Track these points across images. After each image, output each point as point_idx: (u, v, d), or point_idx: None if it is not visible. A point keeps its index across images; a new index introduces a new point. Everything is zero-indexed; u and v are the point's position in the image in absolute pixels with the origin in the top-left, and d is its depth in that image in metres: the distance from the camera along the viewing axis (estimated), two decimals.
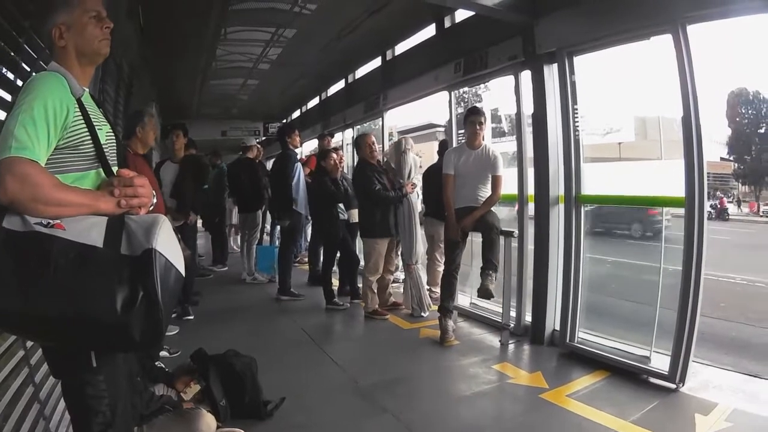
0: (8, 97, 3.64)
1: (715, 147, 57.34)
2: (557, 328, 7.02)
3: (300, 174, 9.88)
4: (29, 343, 3.51)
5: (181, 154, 8.79)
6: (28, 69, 4.00)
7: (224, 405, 4.91)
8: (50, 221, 2.09)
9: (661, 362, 5.77)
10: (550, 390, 5.66)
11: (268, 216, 12.63)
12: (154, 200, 2.50)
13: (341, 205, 9.80)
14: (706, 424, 4.76)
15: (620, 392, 5.58)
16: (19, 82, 3.84)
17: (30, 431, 3.43)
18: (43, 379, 3.77)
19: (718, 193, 47.26)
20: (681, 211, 5.59)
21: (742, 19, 5.38)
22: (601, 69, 6.93)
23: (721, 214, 39.52)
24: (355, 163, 9.45)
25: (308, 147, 17.96)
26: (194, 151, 10.36)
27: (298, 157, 10.41)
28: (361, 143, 8.87)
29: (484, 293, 6.97)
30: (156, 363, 5.34)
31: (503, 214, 7.94)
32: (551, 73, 7.01)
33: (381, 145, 9.58)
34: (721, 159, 58.73)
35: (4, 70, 3.88)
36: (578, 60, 6.74)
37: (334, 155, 9.77)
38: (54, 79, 2.35)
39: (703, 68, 5.49)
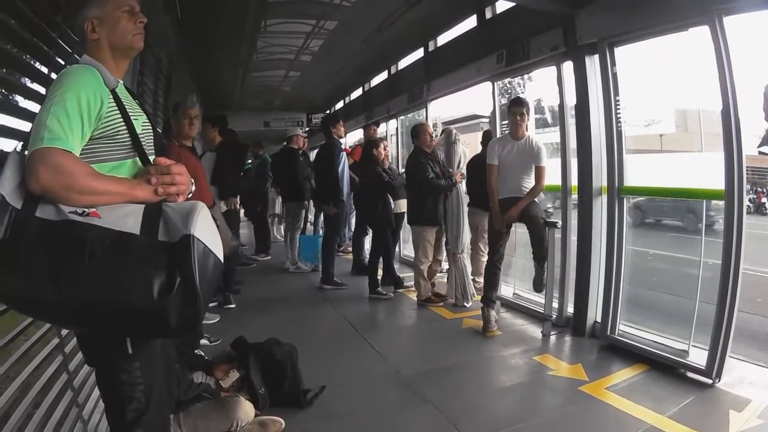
0: (43, 90, 3.62)
1: (755, 140, 56.82)
2: (598, 320, 7.03)
3: (345, 163, 9.99)
4: (64, 331, 3.54)
5: (216, 142, 8.90)
6: (63, 63, 3.99)
7: (263, 393, 4.96)
8: (85, 210, 2.11)
9: (698, 357, 5.78)
10: (589, 382, 5.69)
11: (312, 205, 12.66)
12: (193, 188, 2.50)
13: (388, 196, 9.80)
14: (740, 420, 4.75)
15: (658, 386, 5.58)
16: (54, 76, 3.89)
17: (62, 418, 3.48)
18: (78, 367, 3.82)
19: (758, 188, 46.63)
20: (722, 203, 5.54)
21: None
22: (642, 60, 6.90)
23: (759, 209, 39.08)
24: (411, 151, 9.47)
25: (352, 137, 18.03)
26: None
27: (342, 147, 10.44)
28: (419, 131, 8.90)
29: (538, 288, 7.25)
30: (196, 351, 5.46)
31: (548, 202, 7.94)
32: (593, 64, 7.01)
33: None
34: (760, 153, 58.00)
35: (39, 64, 3.90)
36: (619, 51, 6.71)
37: (384, 143, 9.92)
38: (87, 71, 2.38)
39: (743, 60, 5.45)
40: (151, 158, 2.55)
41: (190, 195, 2.47)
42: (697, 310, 5.96)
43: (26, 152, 2.12)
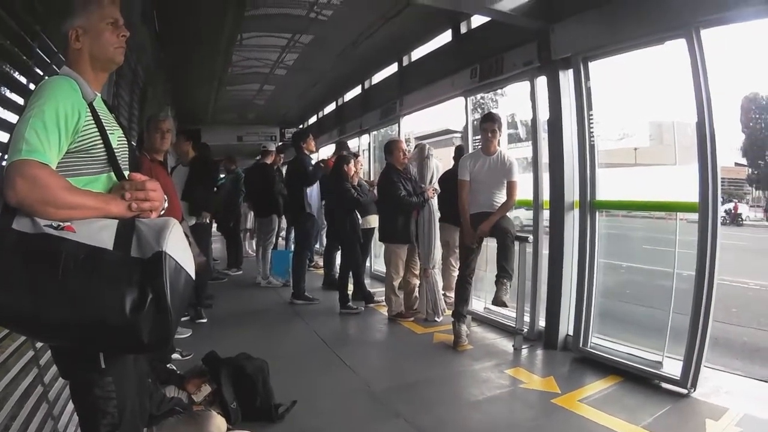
0: (21, 101, 3.62)
1: (730, 152, 57.28)
2: (571, 332, 7.06)
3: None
4: (39, 344, 3.53)
5: (189, 157, 8.86)
6: (41, 73, 3.99)
7: (235, 407, 4.96)
8: (60, 224, 2.11)
9: (673, 367, 5.80)
10: (562, 395, 5.69)
11: (284, 220, 12.64)
12: (165, 204, 2.51)
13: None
14: (717, 428, 4.80)
15: (632, 397, 5.60)
16: (32, 86, 3.85)
17: (38, 431, 3.46)
18: (52, 380, 3.81)
19: (734, 199, 47.08)
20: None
21: (757, 23, 5.39)
22: (617, 74, 6.93)
23: (735, 219, 39.38)
24: (383, 168, 9.47)
25: (325, 152, 17.74)
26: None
27: (314, 161, 10.42)
28: (392, 147, 8.92)
29: (498, 303, 7.10)
30: (168, 365, 5.45)
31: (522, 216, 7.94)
32: (567, 78, 7.06)
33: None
34: (736, 164, 58.62)
35: (17, 74, 3.87)
36: (593, 65, 6.77)
37: (357, 159, 9.98)
38: (65, 82, 2.38)
39: (718, 73, 5.50)
40: (126, 173, 2.56)
41: (162, 212, 2.48)
42: (671, 321, 6.01)
43: (3, 163, 2.15)
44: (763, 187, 57.45)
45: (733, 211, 40.22)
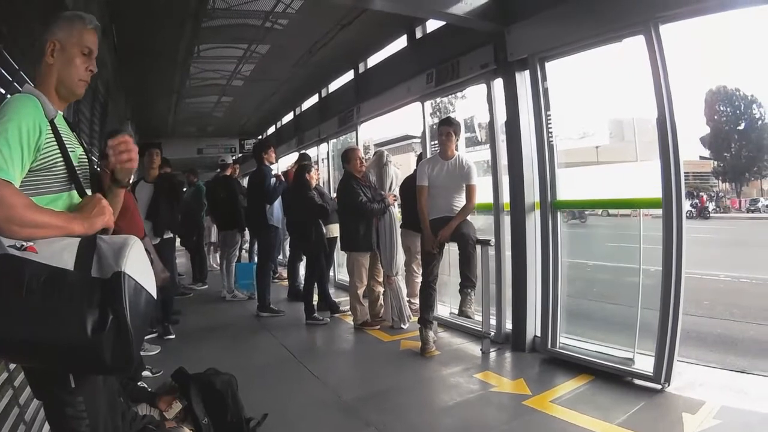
0: None
1: (694, 146, 57.90)
2: (538, 334, 7.04)
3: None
4: (12, 366, 3.55)
5: (156, 174, 8.75)
6: (3, 91, 3.99)
7: (207, 423, 4.88)
8: (23, 244, 2.09)
9: (645, 363, 5.80)
10: (533, 396, 5.67)
11: (247, 233, 12.62)
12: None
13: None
14: (695, 422, 4.78)
15: (604, 395, 5.60)
16: None
17: None
18: (28, 401, 3.81)
19: (700, 192, 47.55)
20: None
21: (718, 17, 5.48)
22: (576, 72, 6.94)
23: (702, 213, 39.81)
24: (341, 177, 9.46)
25: (285, 163, 17.81)
26: (169, 169, 10.30)
27: (273, 172, 10.39)
28: (350, 156, 8.89)
29: (463, 315, 7.12)
30: (138, 383, 5.37)
31: (479, 222, 7.91)
32: (523, 80, 7.07)
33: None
34: (701, 158, 59.22)
35: None
36: (551, 65, 6.77)
37: (316, 167, 10.03)
38: (28, 100, 2.38)
39: (680, 67, 5.52)
40: (88, 191, 2.59)
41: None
42: (639, 317, 6.00)
43: None
44: (730, 178, 58.10)
45: (699, 205, 40.71)
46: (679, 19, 5.38)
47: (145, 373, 6.58)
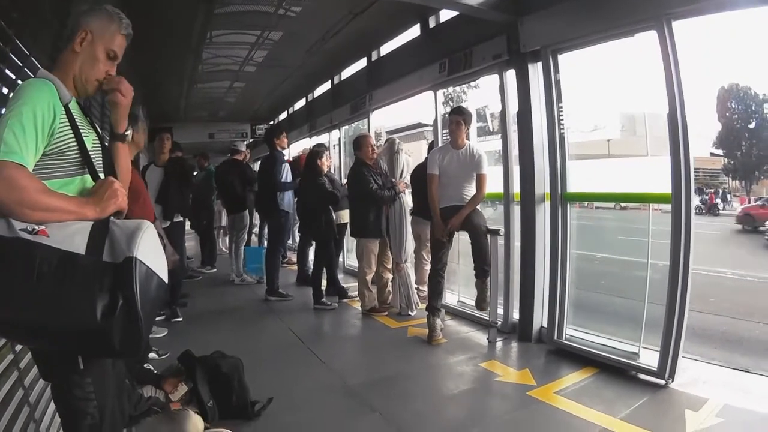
0: None
1: (705, 142, 57.53)
2: (545, 325, 7.05)
3: (288, 175, 9.96)
4: (18, 347, 3.54)
5: (166, 158, 8.80)
6: (14, 77, 4.01)
7: (212, 406, 4.94)
8: (35, 227, 2.10)
9: (650, 358, 5.78)
10: (538, 387, 5.67)
11: (257, 217, 12.70)
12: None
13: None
14: (697, 419, 4.76)
15: (609, 389, 5.59)
16: (4, 91, 3.83)
17: None
18: (33, 382, 3.80)
19: (709, 189, 47.24)
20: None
21: (732, 14, 5.43)
22: (589, 65, 6.89)
23: (711, 209, 39.60)
24: (352, 163, 9.47)
25: (296, 148, 18.02)
26: (180, 153, 10.35)
27: (285, 157, 10.44)
28: (362, 143, 8.89)
29: (481, 308, 7.22)
30: (144, 365, 5.41)
31: (488, 213, 7.90)
32: (536, 71, 7.04)
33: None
34: (711, 154, 58.87)
35: None
36: (564, 57, 6.74)
37: (328, 153, 10.05)
38: (43, 84, 2.37)
39: (693, 64, 5.49)
40: (101, 175, 2.56)
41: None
42: (646, 312, 5.99)
43: None
44: (740, 177, 57.76)
45: (709, 201, 40.51)
46: (691, 15, 5.35)
47: (152, 355, 6.63)
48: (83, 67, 2.58)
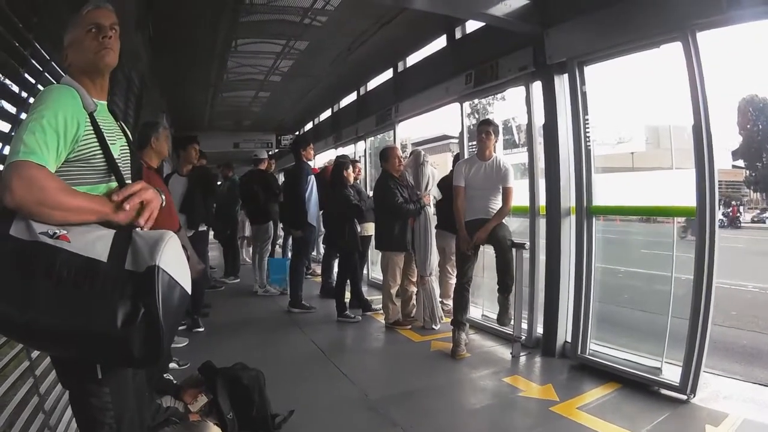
0: (14, 109, 3.67)
1: (727, 154, 57.24)
2: (569, 339, 7.00)
3: (313, 186, 9.91)
4: (34, 354, 3.53)
5: (191, 168, 8.71)
6: (33, 81, 4.01)
7: (231, 418, 4.87)
8: (56, 232, 2.09)
9: (672, 373, 5.76)
10: (560, 403, 5.65)
11: (281, 228, 12.61)
12: (163, 198, 2.54)
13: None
14: None
15: (631, 404, 5.57)
16: (24, 95, 3.84)
17: None
18: (49, 389, 3.80)
19: (733, 202, 47.01)
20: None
21: (753, 25, 5.39)
22: (613, 78, 6.90)
23: (733, 222, 39.40)
24: (378, 175, 9.45)
25: (321, 159, 17.87)
26: (204, 161, 10.34)
27: (311, 169, 10.41)
28: (389, 155, 8.84)
29: (503, 324, 7.24)
30: (164, 375, 5.36)
31: (514, 225, 7.88)
32: (562, 83, 7.03)
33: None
34: (733, 167, 58.59)
35: (9, 82, 3.86)
36: (589, 69, 6.73)
37: (357, 164, 10.19)
38: (66, 91, 2.37)
39: (715, 75, 5.46)
40: (129, 182, 2.55)
41: (163, 204, 2.53)
42: (669, 326, 5.96)
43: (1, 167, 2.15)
44: (761, 189, 57.47)
45: (731, 214, 40.27)
46: (715, 26, 5.33)
47: (172, 365, 6.61)
48: (77, 61, 2.56)
